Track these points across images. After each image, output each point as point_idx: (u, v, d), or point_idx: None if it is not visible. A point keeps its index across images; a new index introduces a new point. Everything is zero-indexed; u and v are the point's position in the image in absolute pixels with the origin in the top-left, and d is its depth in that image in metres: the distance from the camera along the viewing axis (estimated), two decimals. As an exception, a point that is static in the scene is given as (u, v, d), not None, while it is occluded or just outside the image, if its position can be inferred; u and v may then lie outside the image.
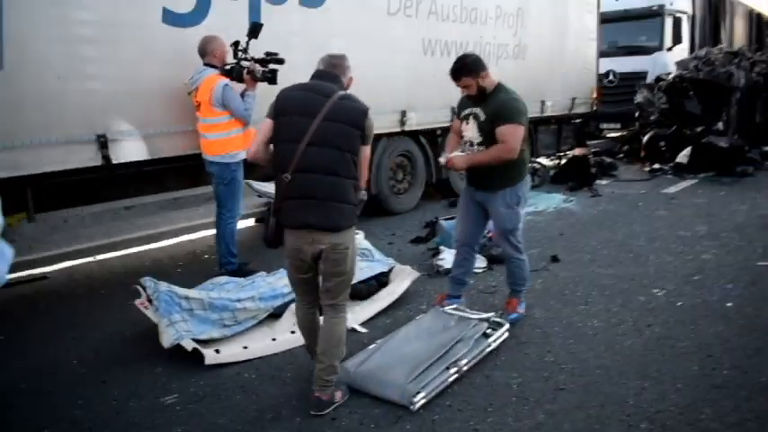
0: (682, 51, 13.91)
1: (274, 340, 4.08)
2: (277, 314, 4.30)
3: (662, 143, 11.02)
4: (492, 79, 4.14)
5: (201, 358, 3.77)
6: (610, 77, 13.58)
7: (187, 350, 3.77)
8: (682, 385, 3.42)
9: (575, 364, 3.71)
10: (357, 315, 4.43)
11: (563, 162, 10.76)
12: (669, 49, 13.78)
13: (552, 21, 10.03)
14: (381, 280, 4.92)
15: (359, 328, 4.31)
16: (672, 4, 13.87)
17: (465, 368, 3.58)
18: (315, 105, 3.07)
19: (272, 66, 5.19)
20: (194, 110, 5.12)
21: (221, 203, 5.25)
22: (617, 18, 13.39)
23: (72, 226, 5.32)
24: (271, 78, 5.12)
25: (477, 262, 4.93)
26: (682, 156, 10.38)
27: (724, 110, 10.91)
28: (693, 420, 3.08)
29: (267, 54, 5.21)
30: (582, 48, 10.93)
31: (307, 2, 6.30)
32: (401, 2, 7.33)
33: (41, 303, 5.08)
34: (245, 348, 3.97)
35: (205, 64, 5.09)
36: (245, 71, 5.12)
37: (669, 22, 13.87)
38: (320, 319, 3.40)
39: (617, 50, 13.80)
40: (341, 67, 3.29)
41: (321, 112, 3.05)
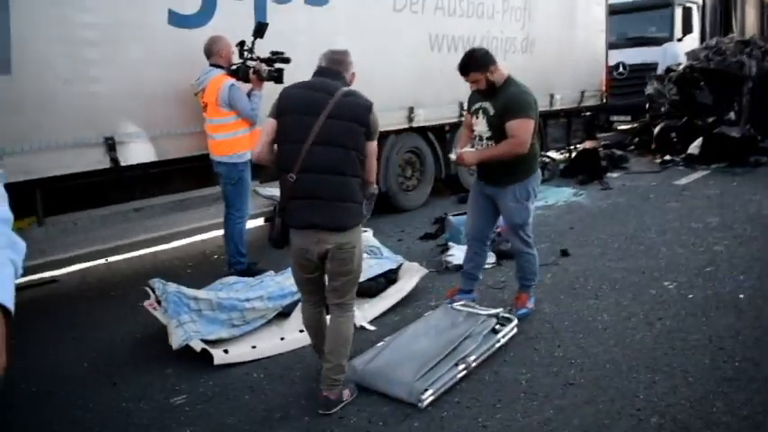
0: (692, 41, 13.76)
1: (283, 339, 4.08)
2: (286, 313, 4.29)
3: (673, 134, 10.92)
4: (502, 73, 4.09)
5: (211, 359, 3.77)
6: (620, 69, 13.47)
7: (196, 351, 3.78)
8: (693, 378, 3.39)
9: (584, 359, 3.69)
10: (365, 313, 4.43)
11: (573, 155, 10.70)
12: (679, 40, 13.64)
13: (560, 13, 9.96)
14: (390, 277, 4.91)
15: (367, 326, 4.30)
16: (682, -6, 13.76)
17: (473, 364, 3.56)
18: (318, 103, 3.04)
19: (278, 65, 5.18)
20: (201, 111, 5.14)
21: (229, 203, 5.26)
22: (626, 9, 13.30)
23: (82, 229, 5.35)
24: (277, 77, 5.12)
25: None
26: (693, 147, 10.31)
27: (735, 100, 10.81)
28: (705, 414, 3.05)
29: (273, 53, 5.22)
30: (591, 40, 10.84)
31: (312, 0, 6.28)
32: (407, -3, 7.30)
33: (52, 306, 5.11)
34: (253, 348, 3.97)
35: (211, 64, 5.10)
36: (251, 71, 5.13)
37: (679, 13, 13.73)
38: (327, 319, 3.40)
39: (627, 42, 13.67)
40: (343, 63, 3.25)
41: (325, 111, 3.02)
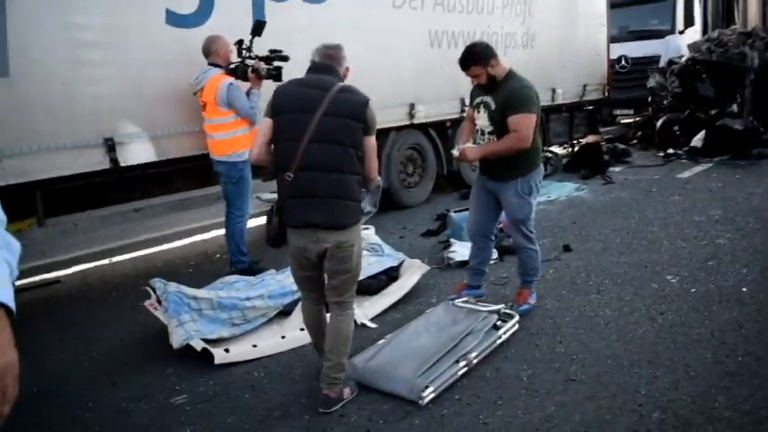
0: (695, 34, 13.66)
1: (284, 338, 4.08)
2: (286, 312, 4.28)
3: (676, 128, 10.87)
4: (503, 67, 4.07)
5: (211, 358, 3.77)
6: (622, 63, 13.39)
7: (197, 350, 3.78)
8: (695, 373, 3.37)
9: (586, 355, 3.67)
10: (366, 310, 4.42)
11: (576, 150, 10.66)
12: (681, 32, 13.52)
13: (561, 7, 9.93)
14: (391, 274, 4.90)
15: (369, 324, 4.29)
16: (683, -14, 13.67)
17: (475, 361, 3.54)
18: (313, 100, 3.02)
19: (277, 63, 5.17)
20: (200, 110, 5.13)
21: (230, 203, 5.26)
22: (627, 2, 13.21)
23: (83, 230, 5.38)
24: (276, 76, 5.10)
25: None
26: (696, 140, 10.26)
27: (738, 92, 10.73)
28: (707, 409, 3.03)
29: (271, 51, 5.21)
30: (592, 34, 10.81)
31: (310, -2, 6.27)
32: (406, -6, 7.28)
33: (55, 307, 5.12)
34: (254, 347, 3.97)
35: (209, 64, 5.09)
36: (249, 69, 5.12)
37: (681, 4, 13.60)
38: (327, 317, 3.39)
39: (628, 35, 13.60)
40: (336, 58, 3.22)
41: (321, 108, 2.99)
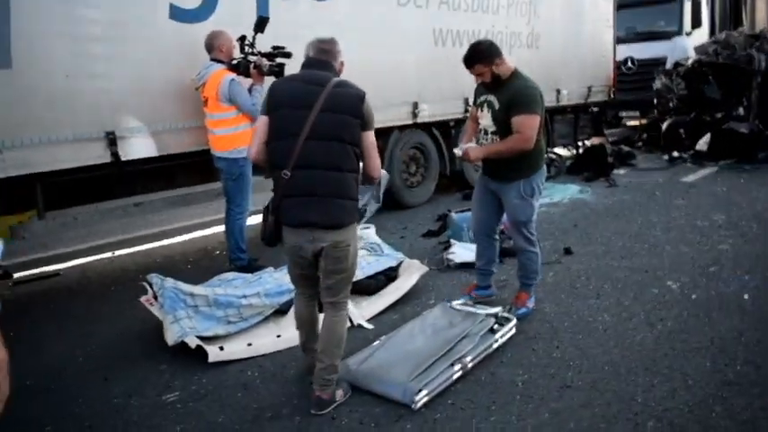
0: (702, 35, 13.60)
1: (279, 337, 4.05)
2: (283, 310, 4.26)
3: (681, 130, 10.82)
4: (508, 66, 4.03)
5: (206, 355, 3.75)
6: (628, 64, 13.33)
7: (191, 347, 3.76)
8: (692, 382, 3.33)
9: (582, 361, 3.63)
10: (363, 311, 4.39)
11: (580, 152, 10.61)
12: (689, 34, 13.47)
13: (567, 8, 9.88)
14: (390, 275, 4.86)
15: (365, 325, 4.26)
16: (691, -13, 13.58)
17: (470, 365, 3.51)
18: (310, 96, 2.98)
19: (280, 60, 5.15)
20: (202, 106, 5.12)
21: (230, 199, 5.25)
22: (634, 3, 13.13)
23: (83, 223, 5.37)
24: (278, 72, 5.08)
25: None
26: (701, 143, 10.21)
27: (744, 94, 10.64)
28: (703, 418, 2.99)
29: (274, 48, 5.19)
30: (598, 35, 10.75)
31: (314, -5, 6.24)
32: (411, -9, 7.24)
33: (53, 300, 5.11)
34: (249, 345, 3.94)
35: (212, 59, 5.08)
36: (251, 66, 5.10)
37: (688, 6, 13.55)
38: (320, 317, 3.36)
39: (635, 36, 13.52)
40: (331, 53, 3.16)
41: (317, 104, 2.95)
